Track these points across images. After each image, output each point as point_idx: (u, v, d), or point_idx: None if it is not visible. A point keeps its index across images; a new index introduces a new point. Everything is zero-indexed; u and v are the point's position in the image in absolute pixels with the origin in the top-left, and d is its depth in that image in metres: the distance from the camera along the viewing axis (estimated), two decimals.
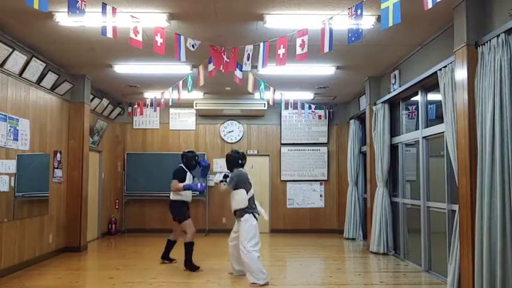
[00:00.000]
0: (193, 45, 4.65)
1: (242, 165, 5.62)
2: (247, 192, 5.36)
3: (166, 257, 6.50)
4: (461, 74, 4.42)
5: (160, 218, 9.94)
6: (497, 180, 3.79)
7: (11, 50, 5.46)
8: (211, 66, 4.93)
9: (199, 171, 6.44)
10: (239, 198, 5.35)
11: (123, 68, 7.10)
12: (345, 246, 8.51)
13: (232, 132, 10.24)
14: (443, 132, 5.17)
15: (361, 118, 9.01)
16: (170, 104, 7.32)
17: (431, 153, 6.04)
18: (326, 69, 7.15)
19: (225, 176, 5.62)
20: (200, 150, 10.06)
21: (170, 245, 6.51)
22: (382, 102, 7.30)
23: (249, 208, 5.34)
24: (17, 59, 5.68)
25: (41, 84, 6.47)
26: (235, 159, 5.59)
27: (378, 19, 4.86)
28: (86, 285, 5.50)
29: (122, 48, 6.00)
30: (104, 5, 3.70)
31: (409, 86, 6.20)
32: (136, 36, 4.00)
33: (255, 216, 5.33)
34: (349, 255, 7.68)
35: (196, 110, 9.74)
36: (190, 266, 5.99)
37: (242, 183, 5.38)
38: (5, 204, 5.54)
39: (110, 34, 3.76)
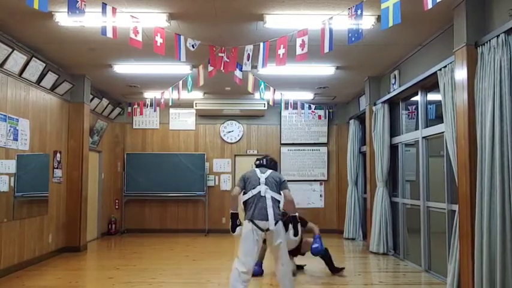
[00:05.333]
0: (193, 45, 4.65)
1: (257, 166, 4.73)
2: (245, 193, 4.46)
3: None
4: (461, 74, 4.42)
5: (160, 218, 9.97)
6: (497, 180, 3.79)
7: (10, 50, 5.46)
8: (211, 66, 4.92)
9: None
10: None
11: (122, 68, 7.09)
12: (344, 246, 8.50)
13: (232, 132, 10.24)
14: (443, 132, 5.17)
15: (361, 118, 9.01)
16: (170, 104, 7.32)
17: (431, 153, 6.04)
18: (326, 70, 7.15)
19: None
20: (200, 151, 10.08)
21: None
22: (382, 102, 7.30)
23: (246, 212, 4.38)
24: (17, 59, 5.68)
25: (40, 84, 6.47)
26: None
27: (378, 19, 4.86)
28: (85, 285, 5.49)
29: (122, 48, 6.00)
30: (104, 5, 3.70)
31: (409, 86, 6.20)
32: (136, 36, 4.00)
33: (253, 223, 4.27)
34: (348, 255, 7.67)
35: (196, 110, 9.74)
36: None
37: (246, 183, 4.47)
38: (4, 204, 5.54)
39: (109, 34, 3.75)
